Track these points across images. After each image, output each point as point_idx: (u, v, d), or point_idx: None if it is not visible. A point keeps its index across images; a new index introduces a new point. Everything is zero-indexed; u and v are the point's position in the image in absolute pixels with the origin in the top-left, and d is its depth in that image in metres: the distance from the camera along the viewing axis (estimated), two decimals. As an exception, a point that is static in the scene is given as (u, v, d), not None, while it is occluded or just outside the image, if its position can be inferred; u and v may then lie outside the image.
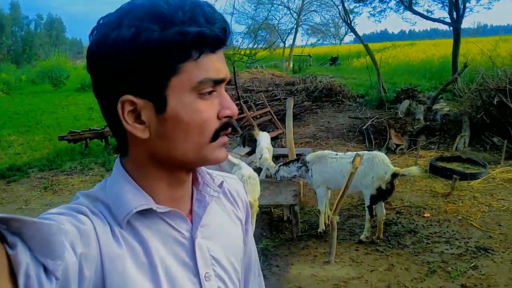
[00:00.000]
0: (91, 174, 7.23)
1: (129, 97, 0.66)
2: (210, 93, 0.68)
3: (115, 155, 8.21)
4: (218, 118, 0.70)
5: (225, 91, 0.73)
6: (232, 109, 0.71)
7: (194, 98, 0.67)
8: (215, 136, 0.70)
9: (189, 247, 0.75)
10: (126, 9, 0.66)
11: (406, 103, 10.32)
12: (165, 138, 0.69)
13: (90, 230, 0.64)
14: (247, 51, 21.35)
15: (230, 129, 0.73)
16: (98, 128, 9.12)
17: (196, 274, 0.74)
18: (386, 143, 7.84)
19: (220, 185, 0.83)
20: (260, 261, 3.58)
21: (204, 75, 0.66)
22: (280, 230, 4.71)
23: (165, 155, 0.70)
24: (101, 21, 0.68)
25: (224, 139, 0.72)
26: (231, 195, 0.90)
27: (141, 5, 0.65)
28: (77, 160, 8.02)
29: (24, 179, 7.10)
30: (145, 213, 0.71)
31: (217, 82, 0.68)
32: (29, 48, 51.70)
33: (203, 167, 0.82)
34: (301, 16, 27.76)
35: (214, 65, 0.68)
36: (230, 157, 4.33)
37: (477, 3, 12.29)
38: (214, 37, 0.66)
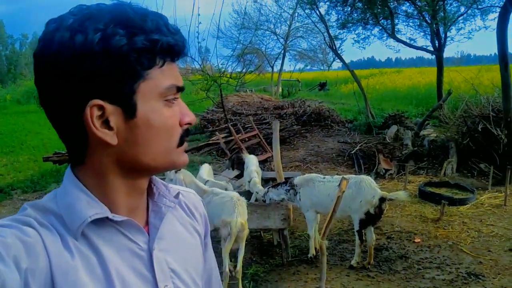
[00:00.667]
0: (76, 196, 7.09)
1: (98, 101, 0.65)
2: (173, 100, 0.72)
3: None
4: (180, 125, 0.73)
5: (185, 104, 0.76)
6: (191, 116, 0.75)
7: (162, 105, 0.70)
8: (181, 141, 0.74)
9: (147, 259, 0.74)
10: (86, 12, 0.65)
11: (394, 128, 10.47)
12: (134, 144, 0.69)
13: (37, 242, 0.63)
14: (234, 75, 21.54)
15: (189, 135, 0.77)
16: (84, 150, 9.02)
17: (155, 287, 0.73)
18: (375, 168, 7.89)
19: (176, 196, 0.83)
20: (250, 287, 3.49)
21: (170, 82, 0.70)
22: (270, 255, 4.65)
23: (132, 161, 0.70)
24: (53, 25, 0.65)
25: (186, 144, 0.76)
26: (188, 208, 0.90)
27: (104, 10, 0.66)
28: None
29: (7, 200, 6.94)
30: (101, 224, 0.69)
31: (179, 90, 0.72)
32: (14, 67, 51.26)
33: (157, 178, 0.82)
34: (288, 42, 28.18)
35: (176, 73, 0.72)
36: (199, 183, 4.28)
37: (458, 32, 12.63)
38: (177, 47, 0.70)
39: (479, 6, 11.16)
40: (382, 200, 4.19)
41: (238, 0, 26.86)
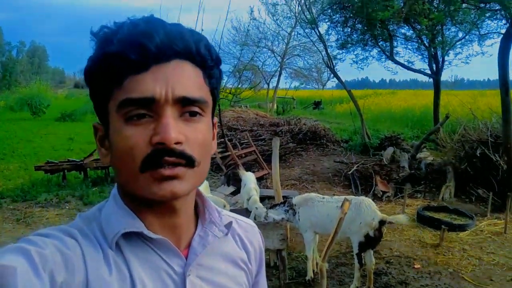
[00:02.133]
0: (67, 207, 6.91)
1: (96, 123, 0.71)
2: (141, 117, 0.63)
3: (94, 189, 7.93)
4: (152, 145, 0.62)
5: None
6: (161, 134, 0.61)
7: (122, 123, 0.63)
8: (144, 165, 0.62)
9: (180, 284, 0.69)
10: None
11: (390, 150, 10.42)
12: (114, 166, 0.68)
13: (77, 255, 0.62)
14: (232, 90, 21.61)
15: (169, 158, 0.62)
16: (77, 160, 8.85)
17: None
18: (372, 189, 7.82)
19: (228, 226, 0.77)
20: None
21: (123, 97, 0.62)
22: (267, 277, 4.48)
23: (119, 183, 0.70)
24: None
25: (164, 171, 0.62)
26: (241, 239, 0.82)
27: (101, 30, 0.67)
28: (54, 192, 7.68)
29: (-5, 209, 6.73)
30: (135, 240, 0.67)
31: (142, 103, 0.62)
32: (10, 74, 51.12)
33: (211, 202, 0.77)
34: (285, 60, 28.41)
35: (140, 84, 0.62)
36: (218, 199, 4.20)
37: (455, 57, 12.77)
38: (124, 57, 0.61)
39: (481, 33, 11.28)
40: (382, 223, 4.11)
41: (237, 17, 27.17)
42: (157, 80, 0.62)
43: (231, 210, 5.24)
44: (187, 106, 0.64)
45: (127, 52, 0.61)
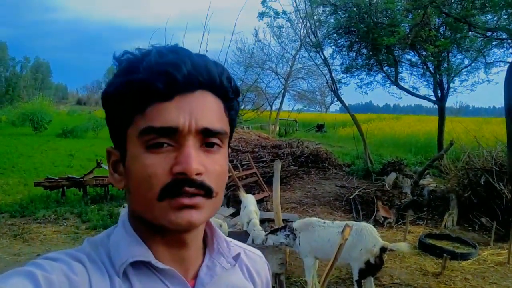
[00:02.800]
0: (65, 224, 6.93)
1: (110, 148, 0.72)
2: (161, 146, 0.64)
3: (93, 206, 7.95)
4: (172, 174, 0.63)
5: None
6: (183, 164, 0.63)
7: (142, 151, 0.64)
8: (162, 194, 0.63)
9: None
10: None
11: (393, 176, 10.43)
12: (129, 192, 0.68)
13: (83, 281, 0.62)
14: (236, 111, 21.63)
15: (189, 188, 0.63)
16: (77, 177, 8.89)
17: None
18: (374, 215, 7.80)
19: (236, 257, 0.77)
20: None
21: (145, 125, 0.64)
22: (265, 301, 4.48)
23: (133, 210, 0.70)
24: None
25: (183, 200, 0.63)
26: (249, 270, 0.83)
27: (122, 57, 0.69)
28: (52, 209, 7.72)
29: (-7, 224, 6.75)
30: (143, 269, 0.67)
31: (164, 132, 0.63)
32: (13, 89, 51.69)
33: (220, 232, 0.78)
34: (288, 82, 28.62)
35: (163, 113, 0.63)
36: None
37: (461, 84, 12.84)
38: (151, 85, 0.63)
39: (487, 61, 11.38)
40: (383, 250, 4.10)
41: (242, 39, 27.26)
42: (180, 110, 0.64)
43: (230, 233, 5.24)
44: (208, 137, 0.66)
45: (154, 81, 0.63)
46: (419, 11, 10.28)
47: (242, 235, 5.05)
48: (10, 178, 10.44)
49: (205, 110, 0.65)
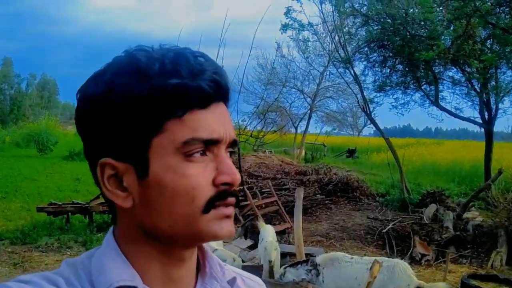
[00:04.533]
0: (68, 253, 7.09)
1: (109, 160, 0.66)
2: (202, 154, 0.65)
3: (99, 234, 8.09)
4: (215, 185, 0.66)
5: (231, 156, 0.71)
6: (231, 175, 0.66)
7: (180, 161, 0.64)
8: (208, 206, 0.65)
9: None
10: (108, 64, 0.68)
11: (432, 207, 10.27)
12: (150, 208, 0.66)
13: None
14: (255, 133, 21.56)
15: (231, 199, 0.68)
16: (82, 202, 9.07)
17: None
18: (410, 251, 7.69)
19: (231, 282, 0.78)
20: None
21: (190, 135, 0.64)
22: None
23: (152, 228, 0.67)
24: (89, 78, 0.69)
25: (225, 210, 0.67)
26: None
27: (119, 59, 0.67)
28: (55, 236, 7.91)
29: (-8, 252, 6.96)
30: None
31: (209, 143, 0.65)
32: (18, 108, 52.87)
33: (213, 255, 0.79)
34: (315, 102, 28.37)
35: (205, 123, 0.65)
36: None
37: (511, 105, 12.48)
38: (199, 90, 0.64)
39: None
40: (419, 290, 4.06)
41: (264, 54, 27.23)
42: (217, 120, 0.66)
43: (246, 267, 5.25)
44: (230, 147, 0.70)
45: (204, 86, 0.65)
46: (461, 21, 10.12)
47: (260, 270, 5.06)
48: (13, 203, 10.74)
49: (229, 120, 0.70)
